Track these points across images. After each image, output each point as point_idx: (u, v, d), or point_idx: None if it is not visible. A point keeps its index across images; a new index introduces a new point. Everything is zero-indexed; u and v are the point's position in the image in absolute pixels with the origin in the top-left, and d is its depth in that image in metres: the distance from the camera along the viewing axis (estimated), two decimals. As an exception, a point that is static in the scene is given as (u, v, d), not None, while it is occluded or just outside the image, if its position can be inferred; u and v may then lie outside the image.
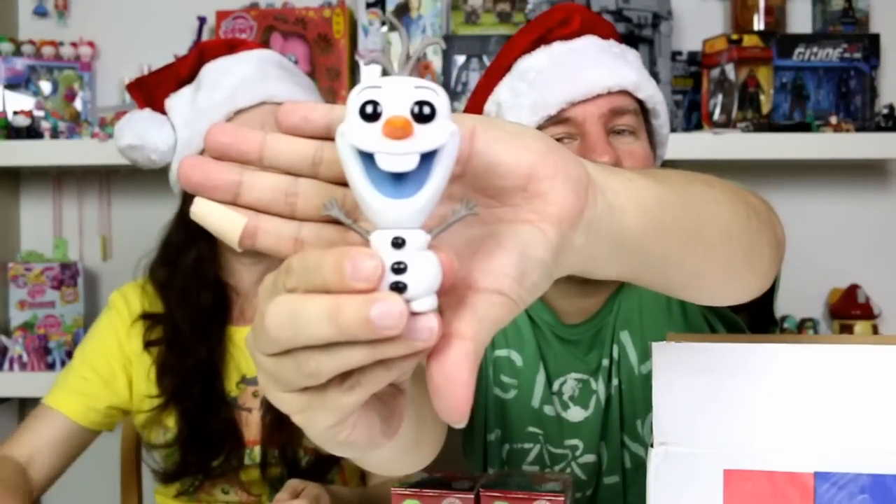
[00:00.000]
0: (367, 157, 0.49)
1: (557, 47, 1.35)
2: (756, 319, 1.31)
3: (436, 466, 1.23)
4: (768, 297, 1.26)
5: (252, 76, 1.49)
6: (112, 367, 1.55)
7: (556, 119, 1.31)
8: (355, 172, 0.49)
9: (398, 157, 0.48)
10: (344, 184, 0.53)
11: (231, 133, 0.56)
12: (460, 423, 0.49)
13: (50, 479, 1.53)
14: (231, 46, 1.57)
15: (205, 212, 0.57)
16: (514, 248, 0.53)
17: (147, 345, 1.54)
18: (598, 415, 1.40)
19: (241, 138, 0.56)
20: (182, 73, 1.55)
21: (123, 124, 1.53)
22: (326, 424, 0.52)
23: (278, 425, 1.51)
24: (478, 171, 0.54)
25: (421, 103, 0.49)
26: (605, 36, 1.38)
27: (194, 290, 1.53)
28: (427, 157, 0.49)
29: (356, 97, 0.49)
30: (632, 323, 1.39)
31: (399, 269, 0.48)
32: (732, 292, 0.87)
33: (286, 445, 1.52)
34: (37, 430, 1.52)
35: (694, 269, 0.74)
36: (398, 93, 0.49)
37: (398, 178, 0.49)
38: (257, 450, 1.54)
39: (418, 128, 0.49)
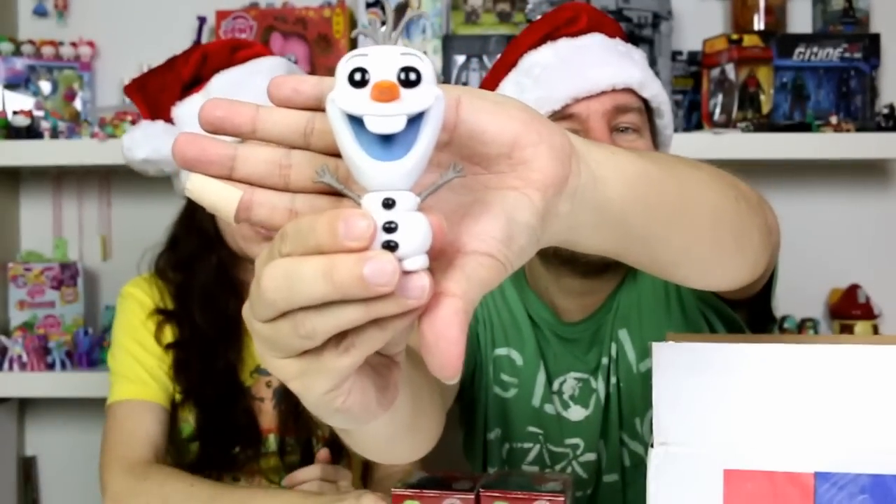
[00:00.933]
0: (357, 122, 0.51)
1: (563, 44, 1.35)
2: (755, 317, 1.31)
3: (436, 466, 1.23)
4: (766, 293, 1.26)
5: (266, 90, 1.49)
6: (156, 337, 1.56)
7: (561, 115, 1.31)
8: (345, 137, 0.51)
9: (386, 118, 0.50)
10: (336, 154, 0.54)
11: (225, 107, 0.57)
12: (452, 378, 0.50)
13: None
14: (234, 48, 1.56)
15: (200, 187, 0.58)
16: (501, 213, 0.55)
17: (167, 347, 1.54)
18: (599, 414, 1.40)
19: (235, 112, 0.57)
20: (185, 76, 1.54)
21: (139, 138, 1.53)
22: (323, 389, 0.53)
23: (293, 414, 1.54)
24: (463, 139, 0.56)
25: (407, 69, 0.51)
26: (611, 34, 1.38)
27: (219, 296, 1.54)
28: (414, 121, 0.51)
29: (344, 65, 0.52)
30: (630, 321, 1.39)
31: (390, 228, 0.49)
32: (723, 275, 0.88)
33: (302, 433, 1.54)
34: (139, 428, 1.48)
35: (680, 247, 0.76)
36: (385, 59, 0.51)
37: (387, 141, 0.51)
38: (273, 438, 1.56)
39: (405, 92, 0.51)
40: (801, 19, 2.35)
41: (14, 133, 2.16)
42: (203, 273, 1.55)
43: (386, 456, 0.87)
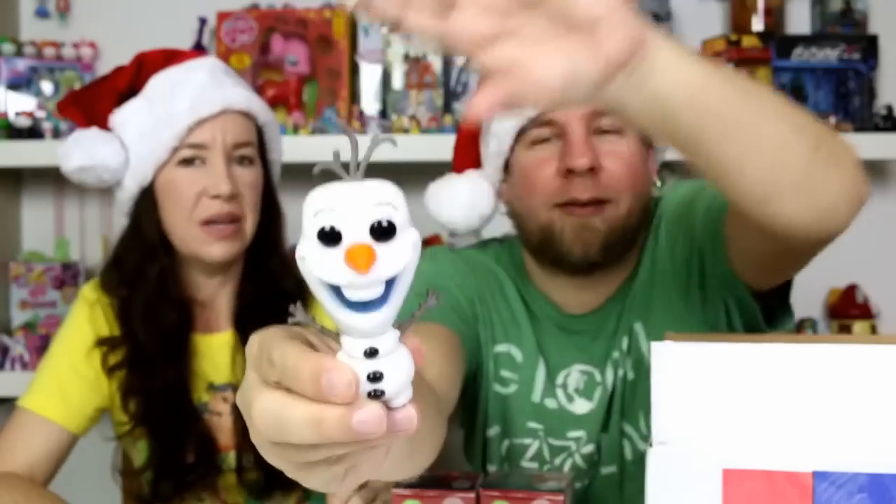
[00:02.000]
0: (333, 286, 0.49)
1: None
2: (770, 311, 1.30)
3: (436, 466, 1.23)
4: (785, 285, 1.28)
5: (208, 84, 1.47)
6: (94, 365, 1.50)
7: (540, 121, 1.31)
8: (323, 297, 0.50)
9: (364, 289, 0.49)
10: None
11: None
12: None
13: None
14: (169, 56, 1.53)
15: None
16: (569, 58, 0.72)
17: (109, 370, 1.49)
18: (603, 407, 1.40)
19: None
20: (120, 85, 1.51)
21: (70, 145, 1.48)
22: (319, 484, 0.55)
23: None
24: (554, 7, 0.71)
25: (380, 222, 0.49)
26: None
27: (158, 307, 1.48)
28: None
29: (312, 218, 0.49)
30: (647, 313, 1.37)
31: (376, 377, 0.49)
32: (781, 208, 0.92)
33: None
34: (29, 441, 1.44)
35: (734, 161, 0.86)
36: (356, 215, 0.49)
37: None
38: (232, 455, 1.52)
39: (380, 249, 0.49)
40: (799, 20, 2.35)
41: (16, 134, 2.17)
42: (145, 287, 1.49)
43: (387, 478, 0.87)
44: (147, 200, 1.49)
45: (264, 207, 1.53)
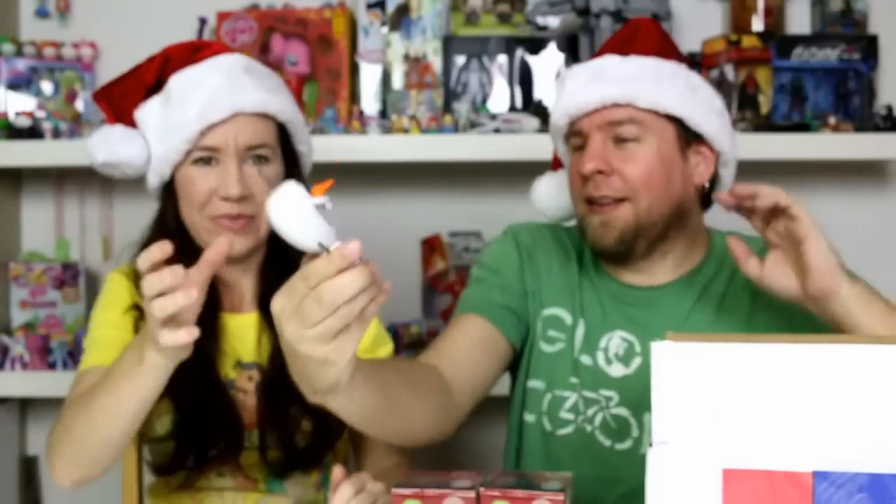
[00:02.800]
0: None
1: (592, 62, 1.53)
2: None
3: (436, 466, 1.25)
4: None
5: (222, 88, 1.49)
6: (128, 327, 1.54)
7: (573, 131, 1.50)
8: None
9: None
10: None
11: None
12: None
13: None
14: (196, 49, 1.55)
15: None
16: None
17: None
18: (640, 378, 1.49)
19: None
20: (148, 80, 1.54)
21: (96, 142, 1.53)
22: (335, 347, 0.95)
23: (275, 410, 1.51)
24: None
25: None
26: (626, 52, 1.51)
27: None
28: None
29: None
30: (709, 305, 1.51)
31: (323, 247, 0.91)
32: None
33: (283, 429, 1.52)
34: None
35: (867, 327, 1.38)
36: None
37: None
38: (255, 433, 1.54)
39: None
40: (799, 20, 2.35)
41: (16, 134, 2.16)
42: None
43: (363, 427, 1.23)
44: (168, 193, 1.54)
45: None
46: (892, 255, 2.37)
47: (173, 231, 1.52)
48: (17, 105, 2.28)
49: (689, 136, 1.47)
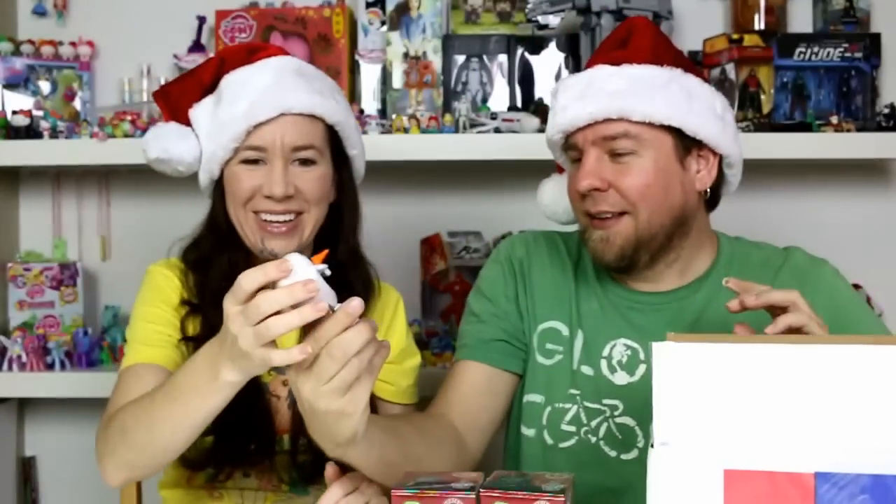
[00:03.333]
0: None
1: (583, 74, 1.50)
2: None
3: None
4: None
5: (269, 88, 1.52)
6: (176, 323, 1.55)
7: (569, 144, 1.48)
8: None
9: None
10: None
11: None
12: None
13: None
14: (251, 51, 1.58)
15: None
16: None
17: (187, 339, 1.54)
18: (645, 385, 1.45)
19: None
20: (205, 80, 1.57)
21: (150, 138, 1.57)
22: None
23: None
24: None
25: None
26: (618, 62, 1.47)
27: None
28: None
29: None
30: (718, 312, 1.46)
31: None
32: None
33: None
34: (145, 387, 1.41)
35: None
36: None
37: None
38: (286, 438, 1.56)
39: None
40: (801, 19, 2.35)
41: (13, 133, 2.16)
42: (217, 272, 1.55)
43: (381, 480, 1.21)
44: (218, 192, 1.57)
45: (338, 200, 1.61)
46: (894, 255, 2.36)
47: (223, 229, 1.57)
48: (15, 104, 2.27)
49: (687, 144, 1.45)
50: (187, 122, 1.57)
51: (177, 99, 1.59)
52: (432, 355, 2.20)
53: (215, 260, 1.57)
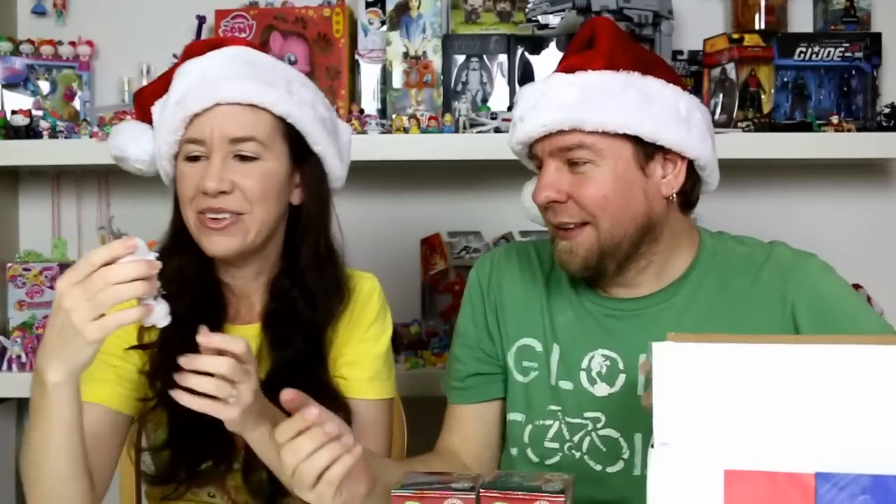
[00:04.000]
0: None
1: (539, 83, 1.46)
2: None
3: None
4: None
5: (206, 77, 1.44)
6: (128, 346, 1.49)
7: (531, 154, 1.46)
8: None
9: None
10: None
11: None
12: None
13: (108, 474, 1.45)
14: (213, 46, 1.50)
15: None
16: None
17: (144, 346, 1.48)
18: (625, 394, 1.45)
19: None
20: (171, 78, 1.50)
21: (111, 136, 1.54)
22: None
23: None
24: None
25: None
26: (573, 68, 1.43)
27: (178, 294, 1.40)
28: None
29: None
30: (699, 314, 1.45)
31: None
32: None
33: None
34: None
35: None
36: None
37: None
38: (243, 454, 1.47)
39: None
40: (802, 18, 2.35)
41: (13, 133, 2.16)
42: (181, 272, 1.48)
43: None
44: (174, 192, 1.51)
45: (304, 201, 1.51)
46: (894, 255, 2.36)
47: (180, 232, 1.49)
48: (14, 104, 2.27)
49: (649, 150, 1.40)
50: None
51: (147, 98, 1.53)
52: (432, 355, 2.20)
53: (167, 262, 1.42)
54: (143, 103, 1.54)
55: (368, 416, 1.52)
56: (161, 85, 1.52)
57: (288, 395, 1.15)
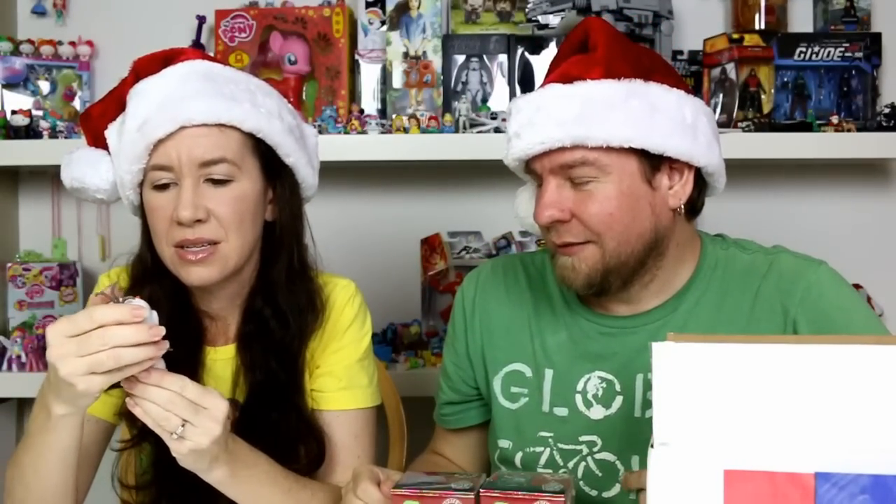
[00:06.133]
0: None
1: (533, 95, 1.38)
2: None
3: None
4: None
5: (167, 98, 1.34)
6: None
7: (530, 169, 1.38)
8: None
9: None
10: None
11: None
12: None
13: (88, 481, 1.44)
14: (167, 60, 1.40)
15: None
16: None
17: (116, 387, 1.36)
18: (623, 416, 1.40)
19: None
20: (123, 98, 1.40)
21: (64, 165, 1.43)
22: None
23: None
24: None
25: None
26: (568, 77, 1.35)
27: (168, 320, 1.29)
28: None
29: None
30: (700, 325, 1.41)
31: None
32: None
33: None
34: None
35: None
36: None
37: None
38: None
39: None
40: (802, 18, 2.35)
41: (13, 133, 2.16)
42: (154, 304, 1.33)
43: None
44: (142, 220, 1.42)
45: (276, 216, 1.45)
46: (895, 256, 2.36)
47: (149, 264, 1.42)
48: (14, 103, 2.27)
49: (655, 162, 1.33)
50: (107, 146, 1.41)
51: (97, 121, 1.43)
52: (432, 355, 2.20)
53: (139, 292, 1.38)
54: (92, 126, 1.43)
55: (347, 428, 1.47)
56: (111, 105, 1.42)
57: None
